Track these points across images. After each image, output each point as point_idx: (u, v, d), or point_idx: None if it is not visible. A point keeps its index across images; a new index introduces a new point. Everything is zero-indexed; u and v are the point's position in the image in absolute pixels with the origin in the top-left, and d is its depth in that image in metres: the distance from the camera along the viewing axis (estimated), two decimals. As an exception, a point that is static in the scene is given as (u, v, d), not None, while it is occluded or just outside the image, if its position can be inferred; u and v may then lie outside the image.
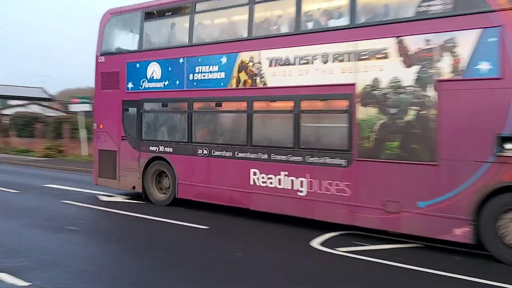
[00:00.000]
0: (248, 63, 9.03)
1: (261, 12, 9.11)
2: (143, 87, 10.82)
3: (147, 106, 10.88)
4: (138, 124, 10.92)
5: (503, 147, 6.39)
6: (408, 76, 7.19)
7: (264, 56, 8.80)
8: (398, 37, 7.27)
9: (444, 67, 6.87)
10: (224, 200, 9.43)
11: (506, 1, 6.44)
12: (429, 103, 6.98)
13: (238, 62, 9.16)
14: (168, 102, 10.48)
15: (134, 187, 10.97)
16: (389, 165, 7.36)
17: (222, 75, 9.43)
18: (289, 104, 8.55)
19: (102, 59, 11.64)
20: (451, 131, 6.79)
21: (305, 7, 8.44)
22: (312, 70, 8.20)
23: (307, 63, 8.27)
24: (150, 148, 10.68)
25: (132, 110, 11.11)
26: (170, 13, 10.68)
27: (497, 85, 6.44)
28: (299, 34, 8.44)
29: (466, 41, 6.69)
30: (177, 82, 10.18)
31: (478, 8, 6.63)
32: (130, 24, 11.44)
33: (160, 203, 10.46)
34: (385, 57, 7.40)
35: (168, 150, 10.34)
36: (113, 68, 11.39)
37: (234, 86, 9.26)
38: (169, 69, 10.33)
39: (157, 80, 10.55)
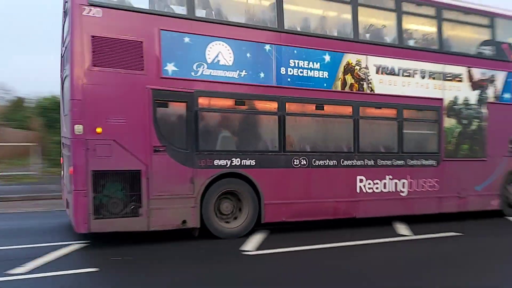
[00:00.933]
0: (355, 66, 8.59)
1: (366, 16, 8.78)
2: (199, 74, 7.33)
3: (206, 102, 7.46)
4: (191, 128, 7.31)
5: (515, 147, 10.48)
6: (473, 97, 9.88)
7: (371, 62, 8.74)
8: (468, 69, 9.78)
9: (490, 93, 10.09)
10: (328, 213, 8.49)
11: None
12: (484, 117, 10.01)
13: (344, 63, 8.48)
14: (246, 99, 7.74)
15: (184, 222, 7.30)
16: (461, 162, 9.82)
17: (325, 74, 8.34)
18: (393, 112, 9.08)
19: (95, 11, 6.64)
20: (493, 136, 10.14)
21: (405, 24, 9.16)
22: (413, 83, 9.20)
23: (409, 76, 9.15)
24: (215, 162, 7.50)
25: (176, 107, 7.25)
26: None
27: (513, 108, 10.39)
28: (403, 48, 9.09)
29: (499, 78, 10.20)
30: (262, 74, 7.81)
31: (505, 58, 10.27)
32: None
33: (233, 235, 7.66)
34: (461, 81, 9.73)
35: (248, 163, 7.73)
36: (128, 34, 6.86)
37: (339, 88, 8.49)
38: (248, 55, 7.69)
39: (226, 68, 7.53)
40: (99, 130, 6.73)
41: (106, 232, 6.95)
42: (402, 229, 8.79)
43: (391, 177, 9.09)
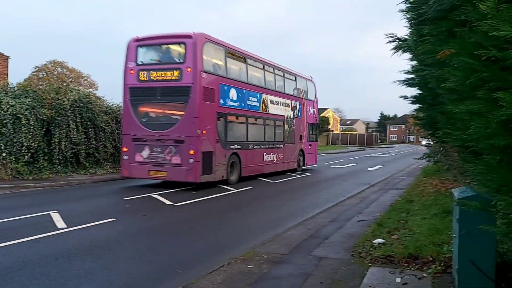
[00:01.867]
0: (265, 99, 17.82)
1: (266, 75, 18.03)
2: (227, 104, 15.12)
3: (230, 118, 15.20)
4: (225, 130, 14.96)
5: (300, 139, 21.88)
6: (291, 114, 20.63)
7: (269, 98, 18.16)
8: (291, 100, 20.48)
9: (295, 112, 21.11)
10: (257, 171, 17.40)
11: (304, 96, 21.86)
12: (294, 124, 20.94)
13: (262, 98, 17.60)
14: (239, 116, 15.81)
15: (223, 176, 14.91)
16: (289, 145, 20.42)
17: (257, 104, 17.27)
18: (272, 122, 18.73)
19: (204, 75, 13.71)
20: (295, 134, 21.20)
21: (276, 79, 18.96)
22: (278, 108, 19.13)
23: (277, 104, 19.03)
24: (230, 147, 15.38)
25: (222, 120, 14.76)
26: (235, 58, 15.63)
27: (300, 121, 21.72)
28: (276, 91, 18.86)
29: (297, 105, 21.38)
30: (243, 104, 16.13)
31: (299, 96, 21.51)
32: (218, 53, 14.53)
33: (233, 182, 15.66)
34: (288, 107, 20.31)
35: (238, 147, 15.89)
36: (211, 85, 14.14)
37: (261, 110, 17.54)
38: (239, 95, 15.86)
39: (234, 101, 15.55)
40: (204, 132, 13.80)
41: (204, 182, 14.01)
42: (58, 222, 8.86)
43: (272, 153, 18.81)
